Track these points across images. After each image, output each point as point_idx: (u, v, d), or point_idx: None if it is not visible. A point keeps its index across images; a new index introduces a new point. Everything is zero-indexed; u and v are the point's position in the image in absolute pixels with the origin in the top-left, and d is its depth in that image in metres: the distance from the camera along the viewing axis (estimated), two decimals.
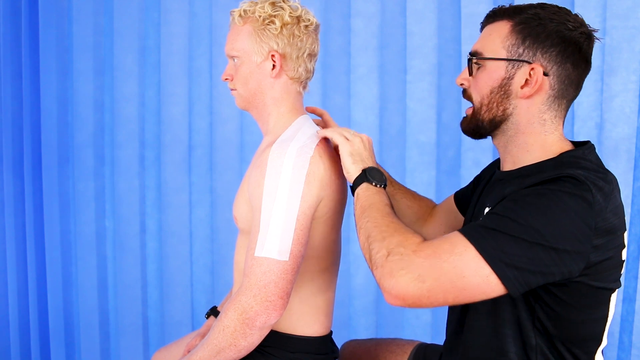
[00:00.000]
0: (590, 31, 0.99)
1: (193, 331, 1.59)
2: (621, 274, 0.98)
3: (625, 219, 0.96)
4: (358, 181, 1.06)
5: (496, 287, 0.85)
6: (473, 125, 1.04)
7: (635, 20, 1.66)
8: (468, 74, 1.05)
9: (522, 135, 1.00)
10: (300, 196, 1.05)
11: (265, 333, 1.05)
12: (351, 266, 2.02)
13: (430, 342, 1.35)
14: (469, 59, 1.04)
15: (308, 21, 1.15)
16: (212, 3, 2.13)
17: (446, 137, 1.93)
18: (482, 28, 1.06)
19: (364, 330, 2.03)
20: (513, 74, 0.98)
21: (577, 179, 0.88)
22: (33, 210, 2.32)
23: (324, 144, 1.15)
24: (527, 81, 0.97)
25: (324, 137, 1.16)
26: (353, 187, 1.08)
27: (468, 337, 1.04)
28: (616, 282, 0.96)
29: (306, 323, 1.18)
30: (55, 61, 2.29)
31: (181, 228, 2.25)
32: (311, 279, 1.17)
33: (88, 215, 2.33)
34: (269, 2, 1.14)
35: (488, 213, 0.92)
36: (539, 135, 1.00)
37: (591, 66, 1.01)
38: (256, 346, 1.06)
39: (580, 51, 0.97)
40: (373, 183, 1.05)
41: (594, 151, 1.00)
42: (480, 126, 1.03)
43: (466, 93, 1.06)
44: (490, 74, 1.00)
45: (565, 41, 0.96)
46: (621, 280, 0.99)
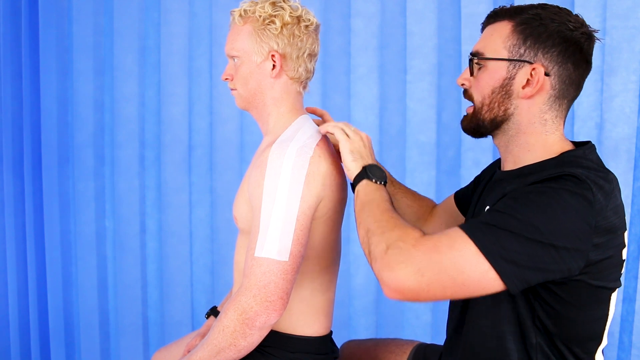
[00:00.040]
0: (590, 31, 0.99)
1: (193, 331, 1.59)
2: (621, 274, 0.98)
3: (625, 219, 0.97)
4: (358, 178, 1.06)
5: (495, 283, 0.85)
6: (474, 124, 1.04)
7: (635, 20, 1.66)
8: (469, 74, 1.05)
9: (523, 135, 1.01)
10: (300, 196, 1.05)
11: (265, 333, 1.05)
12: (351, 266, 2.02)
13: (430, 342, 1.35)
14: (470, 59, 1.04)
15: (308, 21, 1.15)
16: (212, 3, 2.13)
17: (446, 137, 1.93)
18: (483, 28, 1.06)
19: (364, 330, 2.03)
20: (514, 74, 0.98)
21: (578, 178, 0.88)
22: (33, 210, 2.32)
23: (324, 144, 1.14)
24: (529, 81, 0.98)
25: (324, 137, 1.16)
26: (353, 184, 1.08)
27: (469, 335, 1.04)
28: (616, 282, 0.96)
29: (306, 323, 1.18)
30: (55, 61, 2.29)
31: (181, 228, 2.24)
32: (311, 279, 1.17)
33: (88, 215, 2.33)
34: (269, 2, 1.14)
35: (489, 210, 0.92)
36: (540, 135, 1.00)
37: (592, 66, 1.01)
38: (256, 346, 1.06)
39: (581, 51, 0.97)
40: (373, 180, 1.05)
41: (595, 151, 1.00)
42: (481, 126, 1.03)
43: (467, 93, 1.06)
44: (491, 74, 1.00)
45: (566, 41, 0.96)
46: (621, 280, 0.99)
